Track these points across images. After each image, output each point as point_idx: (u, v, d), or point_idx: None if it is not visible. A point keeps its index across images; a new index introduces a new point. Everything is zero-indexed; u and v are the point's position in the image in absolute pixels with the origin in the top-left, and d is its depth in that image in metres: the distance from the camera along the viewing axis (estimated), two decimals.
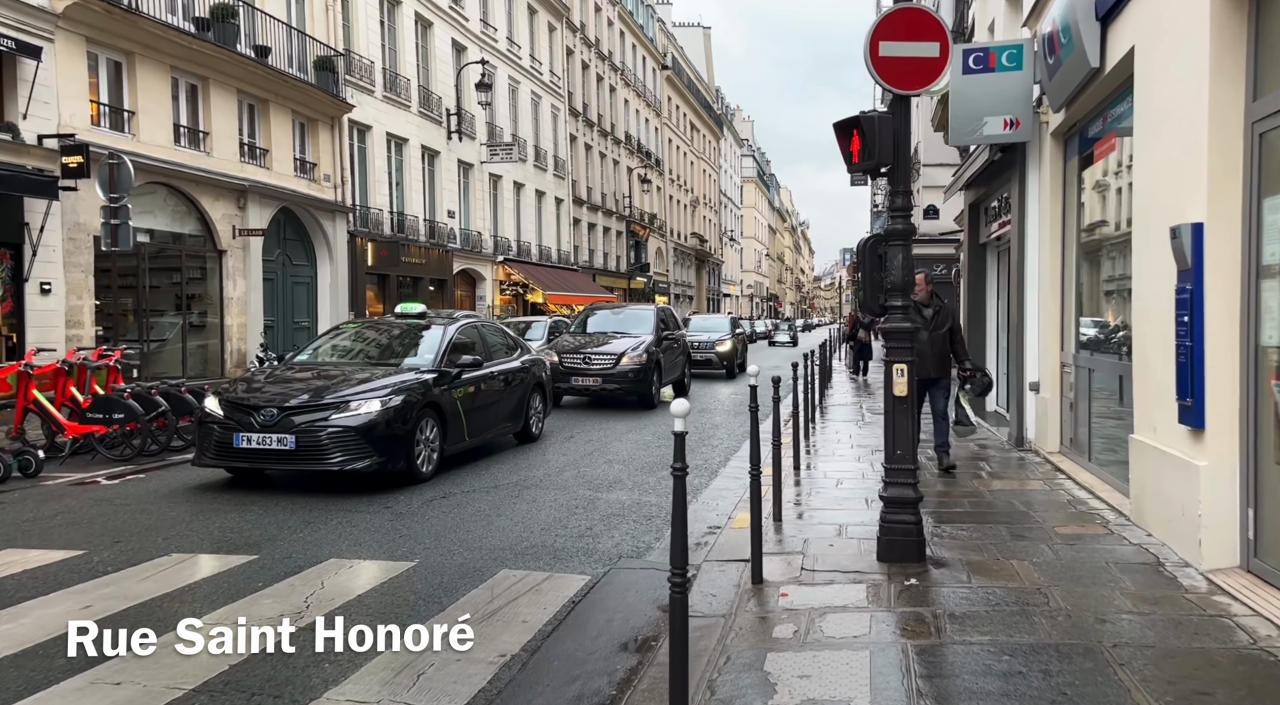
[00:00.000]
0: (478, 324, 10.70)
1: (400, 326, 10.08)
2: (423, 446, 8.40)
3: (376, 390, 8.11)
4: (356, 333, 10.37)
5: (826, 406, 14.87)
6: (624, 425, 13.21)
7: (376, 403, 7.92)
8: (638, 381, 15.08)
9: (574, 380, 15.14)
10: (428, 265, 26.36)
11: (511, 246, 32.65)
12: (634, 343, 15.52)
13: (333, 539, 6.37)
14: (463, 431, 9.16)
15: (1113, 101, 7.21)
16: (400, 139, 25.41)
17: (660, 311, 17.35)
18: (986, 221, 12.55)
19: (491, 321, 12.89)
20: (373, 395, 8.02)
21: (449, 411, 8.84)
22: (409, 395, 8.28)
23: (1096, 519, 6.36)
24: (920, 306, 7.78)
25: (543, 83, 36.02)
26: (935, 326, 8.12)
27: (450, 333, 9.56)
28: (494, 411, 10.01)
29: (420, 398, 8.42)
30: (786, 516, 6.67)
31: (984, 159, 10.67)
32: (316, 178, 21.28)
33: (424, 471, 8.36)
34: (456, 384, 9.08)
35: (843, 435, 11.46)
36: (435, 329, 9.64)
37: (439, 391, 8.76)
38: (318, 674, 3.93)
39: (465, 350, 9.57)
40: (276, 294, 20.12)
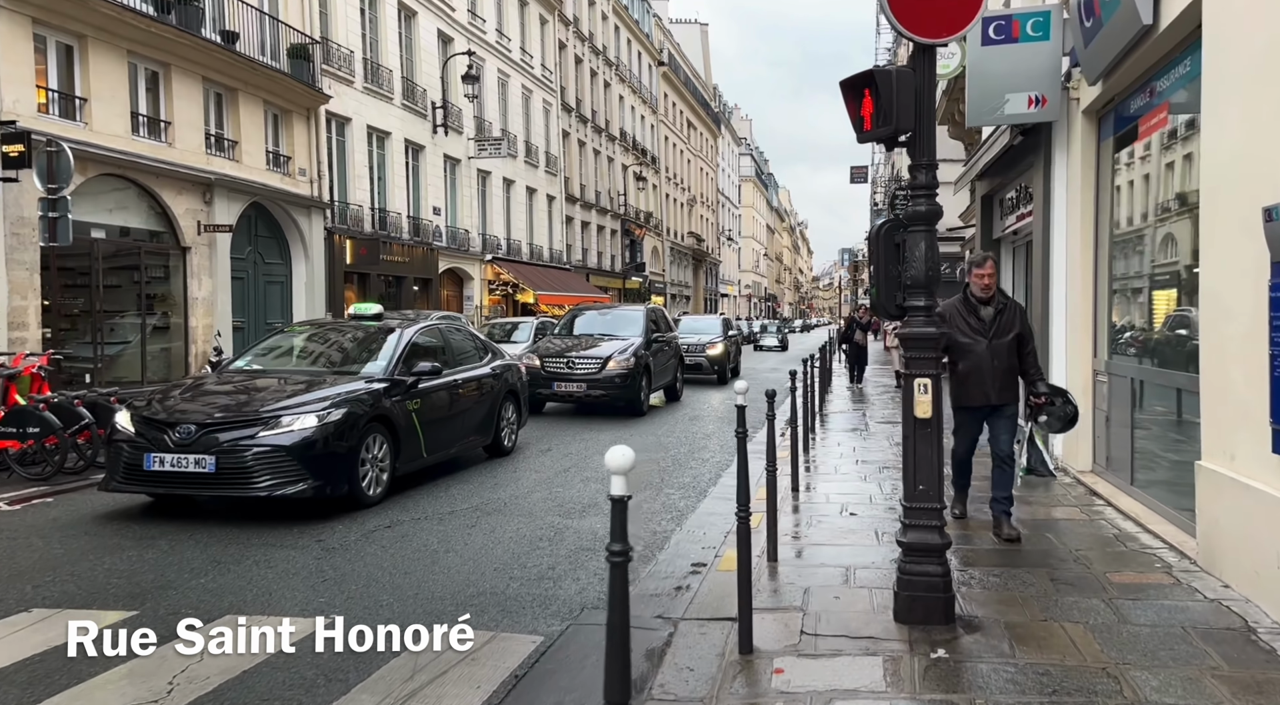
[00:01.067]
0: (441, 327, 9.65)
1: (353, 329, 9.02)
2: (369, 467, 7.36)
3: (314, 403, 7.07)
4: (305, 336, 9.26)
5: (826, 414, 13.85)
6: (609, 435, 12.18)
7: (313, 417, 6.88)
8: (625, 387, 14.05)
9: (557, 386, 14.12)
10: (411, 264, 25.33)
11: (501, 245, 31.62)
12: (621, 346, 14.49)
13: (239, 586, 5.32)
14: (419, 448, 8.12)
15: (1165, 67, 6.19)
16: (382, 132, 24.38)
17: (650, 312, 16.31)
18: (1002, 214, 11.53)
19: (460, 323, 11.80)
20: (309, 408, 6.98)
21: (402, 425, 7.80)
22: (353, 408, 7.26)
23: (1155, 562, 5.32)
24: (977, 304, 5.90)
25: (534, 77, 34.99)
26: (998, 332, 5.85)
27: (407, 337, 8.51)
28: (458, 424, 8.97)
29: (367, 410, 7.39)
30: (783, 554, 5.65)
31: (1002, 144, 9.65)
32: (291, 172, 20.24)
33: (370, 495, 7.33)
34: (412, 394, 8.04)
35: (845, 448, 10.43)
36: (391, 332, 8.57)
37: (391, 403, 7.73)
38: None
39: (425, 355, 8.55)
40: (247, 294, 19.07)
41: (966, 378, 5.92)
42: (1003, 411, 5.99)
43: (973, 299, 5.94)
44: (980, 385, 5.88)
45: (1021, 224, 10.47)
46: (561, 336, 15.47)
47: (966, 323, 5.89)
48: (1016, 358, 5.91)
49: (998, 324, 5.88)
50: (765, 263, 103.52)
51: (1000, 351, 5.84)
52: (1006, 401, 5.95)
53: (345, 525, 6.77)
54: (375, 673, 4.01)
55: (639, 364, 14.36)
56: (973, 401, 5.98)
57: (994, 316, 5.89)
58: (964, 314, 5.92)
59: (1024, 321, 6.06)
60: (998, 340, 5.85)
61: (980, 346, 5.83)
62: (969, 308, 5.95)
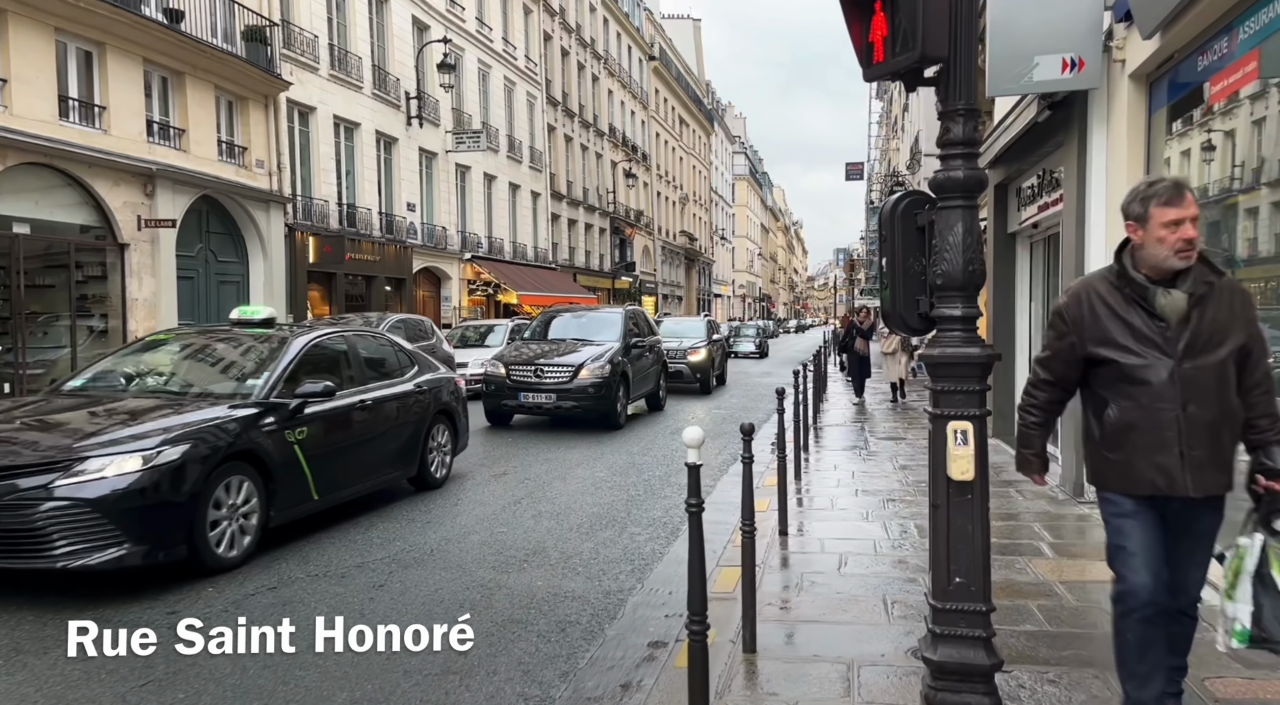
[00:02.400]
0: (349, 334, 8.02)
1: (234, 339, 7.35)
2: (226, 520, 5.77)
3: (144, 438, 5.44)
4: (171, 347, 7.39)
5: (821, 427, 12.51)
6: (576, 454, 10.83)
7: (136, 458, 5.25)
8: (599, 398, 12.69)
9: (524, 397, 12.74)
10: (383, 263, 23.94)
11: (481, 243, 30.23)
12: (595, 352, 13.12)
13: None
14: (306, 489, 6.53)
15: (1252, 6, 4.85)
16: (351, 123, 22.99)
17: (630, 314, 14.92)
18: (1020, 205, 10.19)
19: (378, 331, 10.18)
20: (132, 446, 5.33)
21: (279, 462, 6.20)
22: (200, 444, 5.60)
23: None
24: (1151, 287, 3.01)
25: (517, 68, 33.61)
26: (1200, 347, 2.98)
27: (295, 349, 6.86)
28: (365, 455, 7.34)
29: (224, 445, 5.78)
30: (766, 641, 4.29)
31: (1025, 120, 8.29)
32: (247, 163, 18.83)
33: (225, 557, 5.71)
34: (297, 421, 6.44)
35: (843, 473, 9.08)
36: (276, 343, 6.99)
37: (263, 433, 6.12)
38: None
39: (320, 371, 6.91)
40: (198, 294, 17.68)
41: (1125, 435, 3.05)
42: (1208, 509, 3.08)
43: (1138, 276, 3.04)
44: (1157, 451, 2.99)
45: (1044, 215, 9.14)
46: (530, 342, 14.09)
47: (1124, 324, 3.05)
48: (1231, 390, 3.01)
49: (1198, 327, 2.99)
50: (760, 262, 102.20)
51: (1202, 382, 2.97)
52: (1216, 485, 3.03)
53: (216, 589, 5.39)
54: None
55: (615, 372, 13.00)
56: (1139, 485, 3.05)
57: (1189, 312, 2.98)
58: (1116, 308, 3.07)
59: (1256, 333, 3.07)
60: (1198, 360, 2.97)
61: (1159, 372, 2.98)
62: (1130, 294, 3.05)
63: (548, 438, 12.22)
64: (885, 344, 16.93)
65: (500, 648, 4.56)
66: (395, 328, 14.67)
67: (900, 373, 16.09)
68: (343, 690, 4.08)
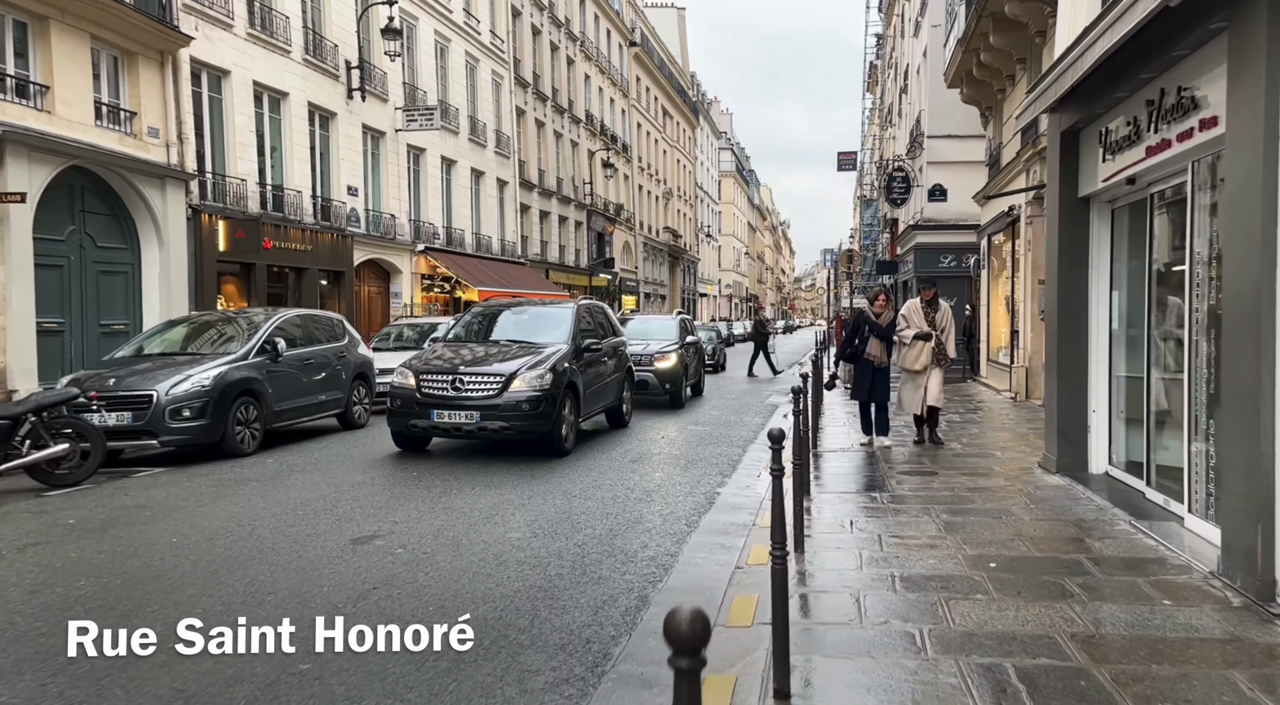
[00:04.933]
0: None
1: None
2: None
3: None
4: None
5: (820, 453, 9.65)
6: (493, 497, 7.89)
7: None
8: (536, 416, 9.77)
9: (437, 415, 9.80)
10: (316, 253, 20.95)
11: (438, 234, 27.28)
12: (532, 359, 10.20)
13: None
14: None
15: None
16: (277, 92, 20.01)
17: (583, 310, 11.97)
18: (1106, 153, 7.35)
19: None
20: None
21: None
22: None
23: None
24: None
25: (481, 44, 30.66)
26: None
27: None
28: None
29: None
30: None
31: (1145, 11, 5.42)
32: (136, 131, 15.85)
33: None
34: None
35: (860, 537, 6.17)
36: None
37: None
38: None
39: None
40: (68, 286, 14.69)
41: None
42: None
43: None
44: None
45: (1156, 159, 6.31)
46: (453, 345, 11.13)
47: None
48: None
49: None
50: (746, 261, 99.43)
51: None
52: None
53: None
54: None
55: (559, 383, 10.09)
56: None
57: None
58: None
59: None
60: None
61: None
62: None
63: (465, 470, 9.32)
64: (912, 355, 9.98)
65: None
66: (293, 326, 11.72)
67: (934, 397, 9.98)
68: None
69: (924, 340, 9.98)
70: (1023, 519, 6.56)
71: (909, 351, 10.07)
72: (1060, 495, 7.37)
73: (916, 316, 10.07)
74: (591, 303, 13.37)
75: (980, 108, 21.01)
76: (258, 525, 6.93)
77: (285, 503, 7.78)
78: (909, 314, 10.16)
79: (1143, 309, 7.26)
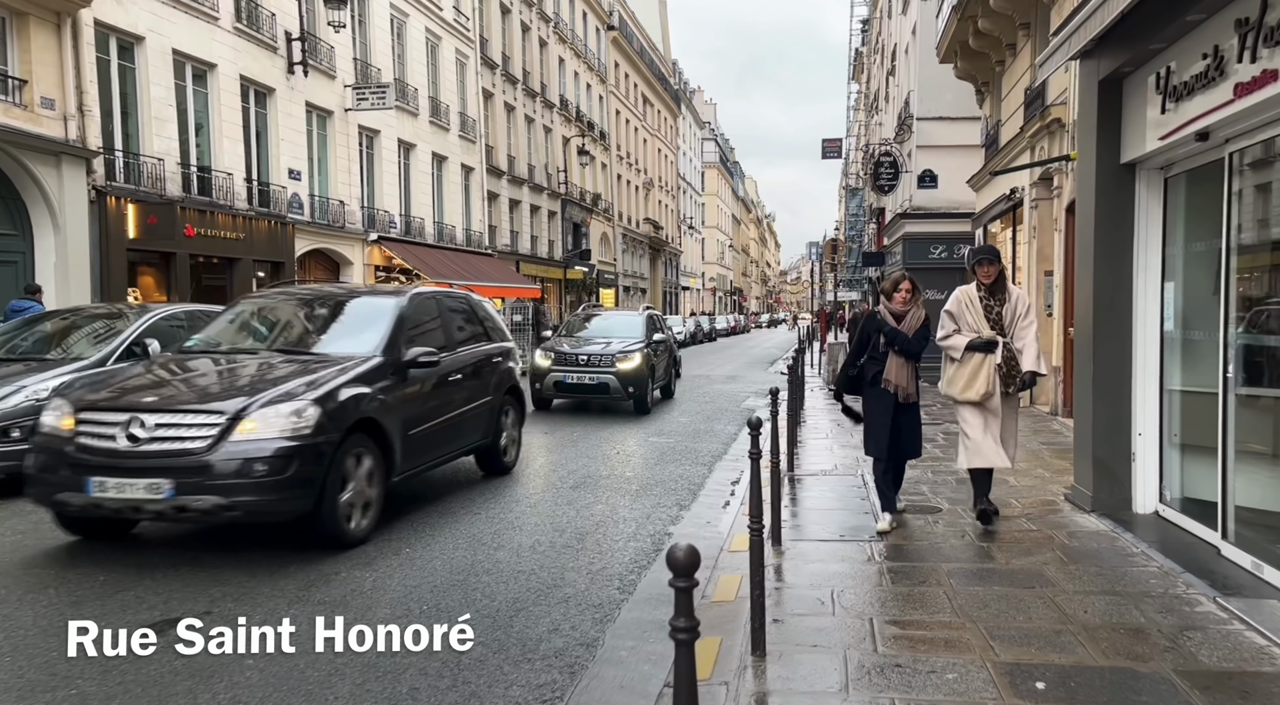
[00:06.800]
0: None
1: None
2: None
3: None
4: None
5: (799, 479, 7.91)
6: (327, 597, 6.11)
7: None
8: (281, 485, 5.62)
9: (96, 486, 5.53)
10: (251, 242, 19.05)
11: (394, 222, 25.40)
12: (289, 385, 6.04)
13: None
14: None
15: None
16: (202, 63, 18.08)
17: (424, 301, 7.98)
18: (1169, 101, 5.64)
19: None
20: None
21: None
22: None
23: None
24: None
25: (443, 21, 28.74)
26: None
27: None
28: None
29: None
30: None
31: None
32: (27, 102, 13.95)
33: None
34: None
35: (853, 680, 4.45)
36: None
37: None
38: None
39: None
40: None
41: None
42: None
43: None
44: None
45: (1242, 105, 4.59)
46: (185, 358, 7.04)
47: None
48: None
49: None
50: (731, 254, 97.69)
51: None
52: None
53: None
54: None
55: (337, 422, 5.84)
56: None
57: None
58: None
59: None
60: None
61: None
62: None
63: None
64: (964, 376, 6.16)
65: None
66: (172, 324, 9.89)
67: (1011, 446, 6.44)
68: None
69: (984, 351, 6.06)
70: (1065, 591, 4.84)
71: (959, 370, 6.16)
72: (1105, 548, 5.66)
73: (971, 312, 6.17)
74: (450, 292, 9.33)
75: (976, 84, 19.32)
76: None
77: None
78: (958, 310, 6.22)
79: (1211, 306, 5.56)
